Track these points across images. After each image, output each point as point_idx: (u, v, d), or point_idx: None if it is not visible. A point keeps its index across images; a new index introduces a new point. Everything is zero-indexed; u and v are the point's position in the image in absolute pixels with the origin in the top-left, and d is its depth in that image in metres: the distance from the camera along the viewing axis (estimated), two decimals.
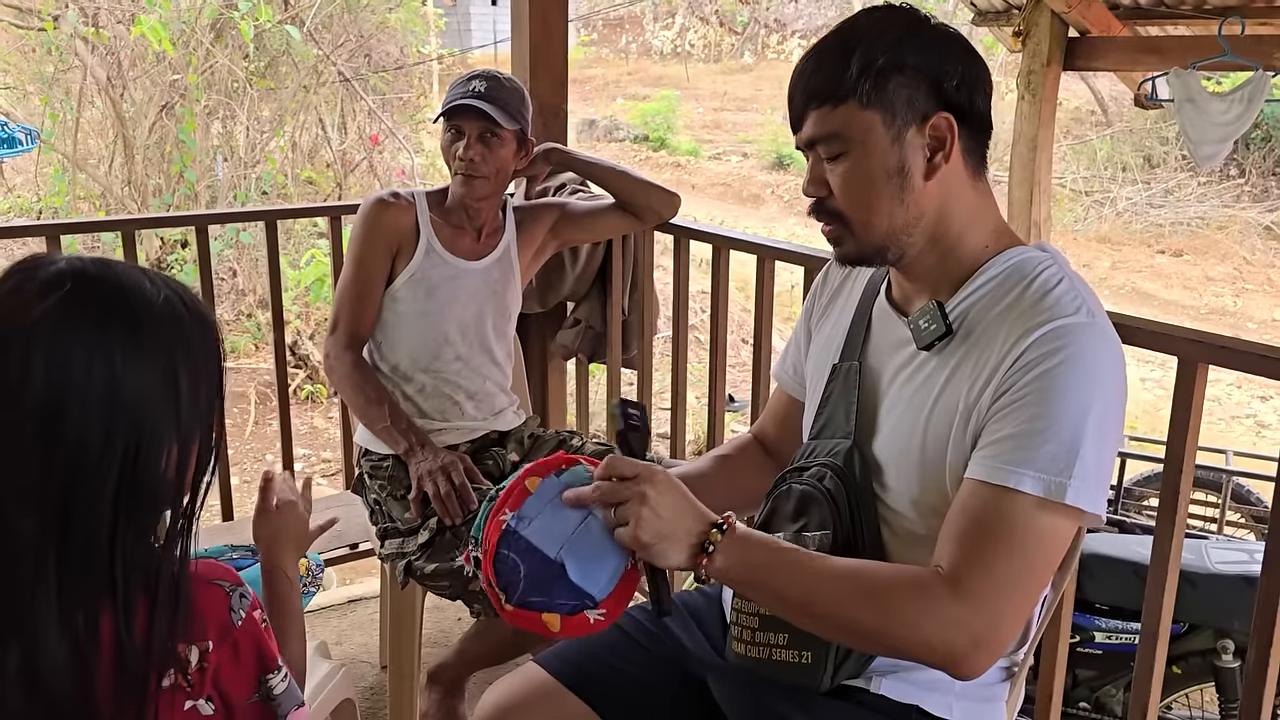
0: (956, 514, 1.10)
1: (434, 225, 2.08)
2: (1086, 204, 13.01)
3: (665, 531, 1.08)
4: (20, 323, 0.87)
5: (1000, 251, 1.18)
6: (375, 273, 2.04)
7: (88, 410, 0.87)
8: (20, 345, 0.86)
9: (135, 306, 0.91)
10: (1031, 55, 3.74)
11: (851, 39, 1.14)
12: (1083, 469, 1.05)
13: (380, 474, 2.05)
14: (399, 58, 8.62)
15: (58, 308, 0.87)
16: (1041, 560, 1.08)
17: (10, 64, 7.55)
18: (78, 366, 0.87)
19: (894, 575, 1.10)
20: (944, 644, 1.05)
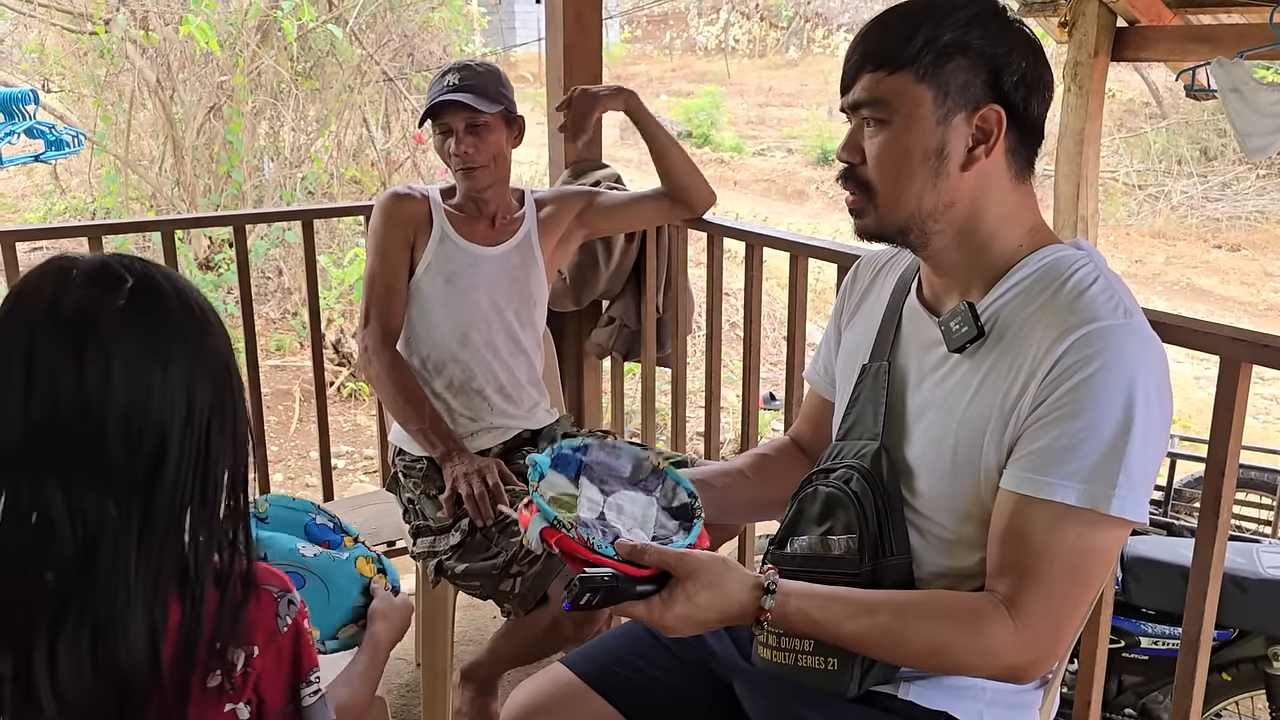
0: (1005, 532, 1.08)
1: (448, 215, 2.09)
2: (1140, 198, 12.75)
3: (717, 619, 1.08)
4: (96, 318, 0.89)
5: (1035, 250, 1.15)
6: (398, 262, 2.05)
7: (166, 403, 0.91)
8: (99, 341, 0.88)
9: (194, 304, 0.95)
10: (1078, 46, 3.66)
11: (924, 10, 1.12)
12: (1128, 479, 1.03)
13: (414, 473, 2.05)
14: (442, 56, 8.67)
15: (131, 305, 0.90)
16: (1092, 574, 1.08)
17: (65, 67, 7.71)
18: (156, 362, 0.90)
19: (953, 608, 1.10)
20: (1004, 667, 1.09)
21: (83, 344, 0.89)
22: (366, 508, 2.55)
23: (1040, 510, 1.06)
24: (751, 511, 1.60)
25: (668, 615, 1.05)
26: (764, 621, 1.08)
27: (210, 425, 0.93)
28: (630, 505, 1.22)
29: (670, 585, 1.06)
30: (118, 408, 0.89)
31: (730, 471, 1.45)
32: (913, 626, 1.09)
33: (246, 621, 0.97)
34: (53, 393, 0.88)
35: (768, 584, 1.07)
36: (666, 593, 1.06)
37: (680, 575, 1.06)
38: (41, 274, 0.92)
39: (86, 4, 7.07)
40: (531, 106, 15.07)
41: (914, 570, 1.19)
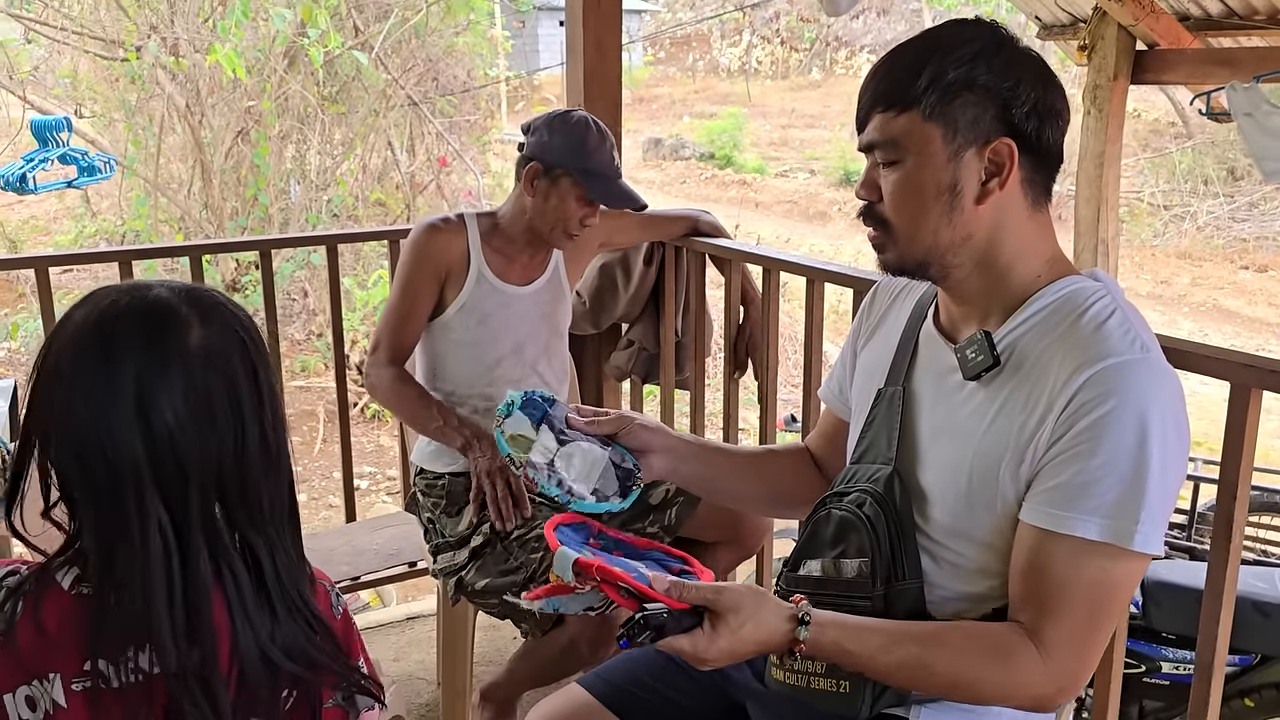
0: (1027, 566, 1.10)
1: (484, 253, 2.07)
2: (1165, 218, 12.68)
3: (754, 650, 1.09)
4: (186, 345, 0.95)
5: (1053, 281, 1.16)
6: (423, 299, 2.04)
7: (256, 414, 0.98)
8: (198, 364, 0.95)
9: (251, 325, 1.02)
10: (1097, 69, 3.66)
11: (930, 47, 1.14)
12: (1148, 514, 1.05)
13: (434, 492, 2.08)
14: (466, 80, 8.77)
15: (218, 326, 0.97)
16: (1114, 605, 1.10)
17: (97, 93, 7.85)
18: (243, 378, 0.97)
19: (982, 640, 1.11)
20: (1032, 698, 1.12)
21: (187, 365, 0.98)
22: (388, 529, 2.58)
23: (1062, 545, 1.07)
24: (734, 497, 1.58)
25: (712, 649, 1.06)
26: (797, 652, 1.09)
27: (279, 428, 1.02)
28: (581, 458, 1.28)
29: (712, 620, 1.06)
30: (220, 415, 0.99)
31: (730, 451, 1.51)
32: (943, 658, 1.11)
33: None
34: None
35: (802, 615, 1.08)
36: (710, 627, 1.06)
37: (721, 610, 1.06)
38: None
39: (118, 31, 7.21)
40: None
41: (926, 594, 1.20)
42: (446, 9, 7.39)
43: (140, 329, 0.94)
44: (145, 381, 0.92)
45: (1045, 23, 4.21)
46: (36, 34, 7.69)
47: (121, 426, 0.91)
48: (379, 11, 7.40)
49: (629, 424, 1.35)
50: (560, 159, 1.97)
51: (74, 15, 7.53)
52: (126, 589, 0.92)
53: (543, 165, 1.99)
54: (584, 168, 1.98)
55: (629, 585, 1.05)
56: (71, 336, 0.95)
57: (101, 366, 0.92)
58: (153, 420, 0.92)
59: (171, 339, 0.94)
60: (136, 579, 0.92)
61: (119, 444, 0.92)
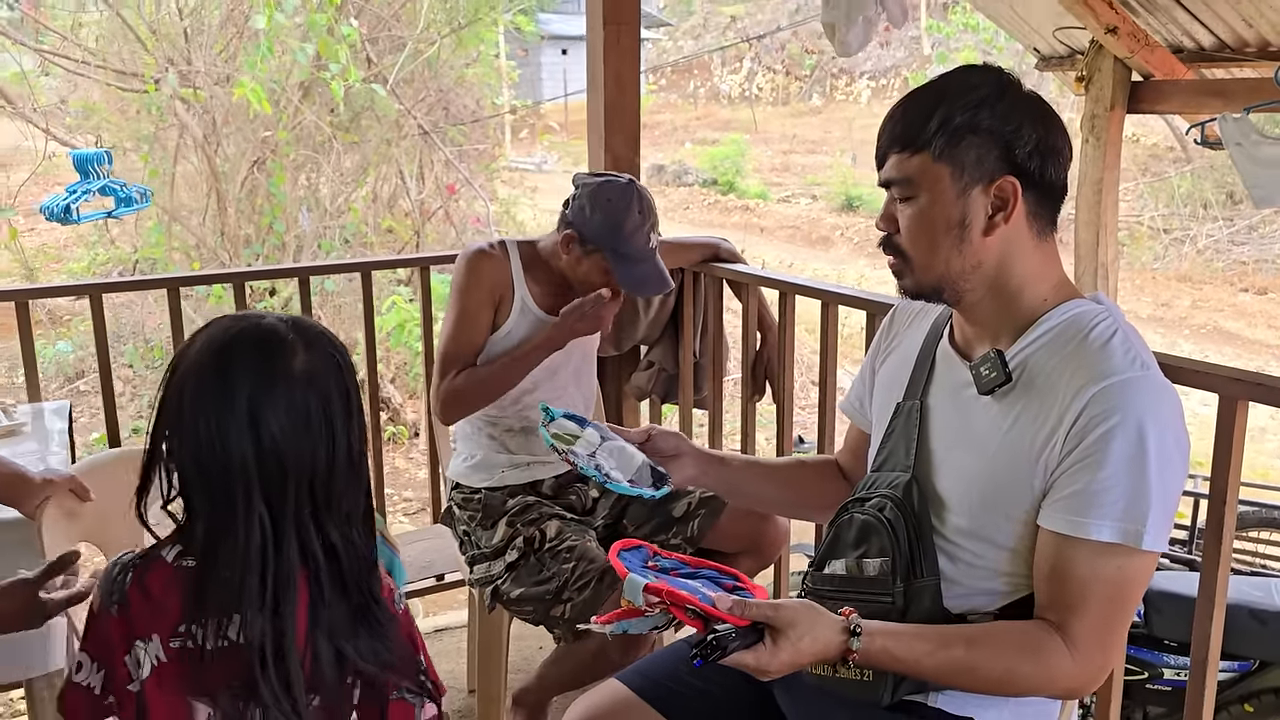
0: (1050, 570, 1.21)
1: (527, 283, 2.17)
2: (1166, 241, 12.81)
3: (810, 661, 1.19)
4: (290, 369, 1.10)
5: (1059, 304, 1.28)
6: (482, 319, 2.12)
7: (345, 428, 1.13)
8: (301, 385, 1.10)
9: (345, 352, 1.17)
10: (1095, 99, 3.80)
11: (939, 93, 1.26)
12: (1154, 516, 1.17)
13: (470, 505, 2.19)
14: (475, 110, 8.93)
15: (318, 353, 1.12)
16: (1130, 599, 1.22)
17: (110, 123, 8.01)
18: (337, 397, 1.12)
19: (1017, 639, 1.22)
20: (1063, 688, 1.24)
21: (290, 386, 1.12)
22: (418, 543, 2.69)
23: (1080, 548, 1.19)
24: (759, 500, 1.76)
25: (774, 662, 1.16)
26: (850, 660, 1.19)
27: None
28: (620, 454, 1.43)
29: (773, 635, 1.16)
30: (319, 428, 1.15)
31: (759, 460, 1.68)
32: (983, 658, 1.22)
33: None
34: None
35: (854, 627, 1.19)
36: (770, 641, 1.16)
37: (780, 625, 1.16)
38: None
39: (137, 64, 7.38)
40: (559, 156, 15.28)
41: (943, 591, 1.31)
42: (458, 41, 7.54)
43: (253, 353, 1.09)
44: (256, 399, 1.07)
45: (1043, 54, 4.35)
46: (54, 65, 7.87)
47: (235, 436, 1.06)
48: (392, 44, 7.57)
49: (656, 432, 1.49)
50: (596, 236, 2.07)
51: (94, 49, 7.70)
52: (225, 565, 1.06)
53: (579, 236, 2.09)
54: (618, 250, 2.07)
55: (695, 607, 1.15)
56: (195, 358, 1.09)
57: (220, 385, 1.07)
58: (261, 432, 1.06)
59: (279, 362, 1.09)
60: (236, 558, 1.06)
61: (231, 451, 1.06)
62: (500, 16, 8.34)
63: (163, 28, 7.46)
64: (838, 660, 1.20)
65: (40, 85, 8.20)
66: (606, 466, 1.41)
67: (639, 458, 1.45)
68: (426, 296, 2.89)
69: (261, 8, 5.99)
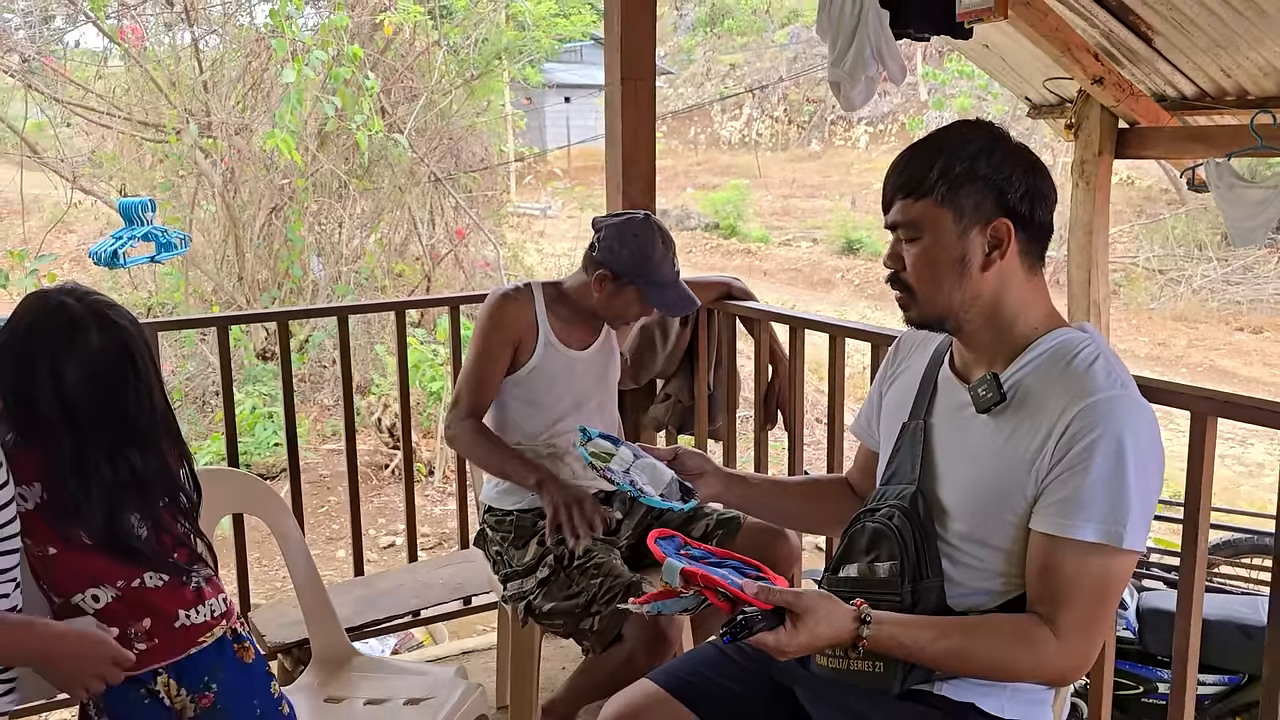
0: (1040, 568, 1.36)
1: (550, 322, 2.33)
2: (1161, 282, 13.02)
3: (825, 645, 1.34)
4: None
5: (1048, 331, 1.44)
6: (498, 362, 2.30)
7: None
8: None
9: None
10: (1084, 145, 3.99)
11: (939, 145, 1.43)
12: (1132, 518, 1.32)
13: (503, 527, 2.33)
14: (484, 157, 9.18)
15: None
16: (1113, 594, 1.36)
17: (128, 172, 8.25)
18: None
19: (1009, 629, 1.37)
20: (1052, 673, 1.38)
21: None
22: (449, 567, 2.83)
23: (1067, 547, 1.34)
24: (777, 514, 1.91)
25: (792, 644, 1.31)
26: (861, 645, 1.34)
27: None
28: (652, 471, 1.58)
29: (793, 619, 1.31)
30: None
31: (776, 478, 1.85)
32: (980, 645, 1.37)
33: None
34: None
35: (864, 616, 1.33)
36: (790, 625, 1.31)
37: (799, 611, 1.31)
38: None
39: (159, 115, 7.62)
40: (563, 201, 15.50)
41: (947, 591, 1.46)
42: (469, 92, 7.79)
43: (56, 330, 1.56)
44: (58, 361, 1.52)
45: (1035, 103, 4.56)
46: (76, 116, 8.12)
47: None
48: (406, 95, 7.82)
49: (682, 452, 1.66)
50: (627, 270, 2.24)
51: (116, 100, 7.95)
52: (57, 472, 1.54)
53: (612, 273, 2.25)
54: (649, 279, 2.25)
55: (725, 590, 1.31)
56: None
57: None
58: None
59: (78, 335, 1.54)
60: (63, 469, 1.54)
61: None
62: (510, 67, 8.60)
63: (182, 80, 7.73)
64: (849, 645, 1.34)
65: (60, 136, 8.44)
66: (640, 482, 1.57)
67: (668, 474, 1.61)
68: (455, 335, 3.05)
69: (290, 62, 6.23)
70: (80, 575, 1.50)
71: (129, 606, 1.50)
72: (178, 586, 1.54)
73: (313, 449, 6.97)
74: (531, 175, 16.49)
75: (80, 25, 9.00)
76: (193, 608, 1.55)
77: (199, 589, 1.57)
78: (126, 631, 1.50)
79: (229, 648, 1.58)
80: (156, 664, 1.52)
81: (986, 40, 4.22)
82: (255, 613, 2.61)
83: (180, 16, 7.68)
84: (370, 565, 5.26)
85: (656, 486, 1.58)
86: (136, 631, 1.50)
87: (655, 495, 1.56)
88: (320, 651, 2.10)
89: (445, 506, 6.42)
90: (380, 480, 6.78)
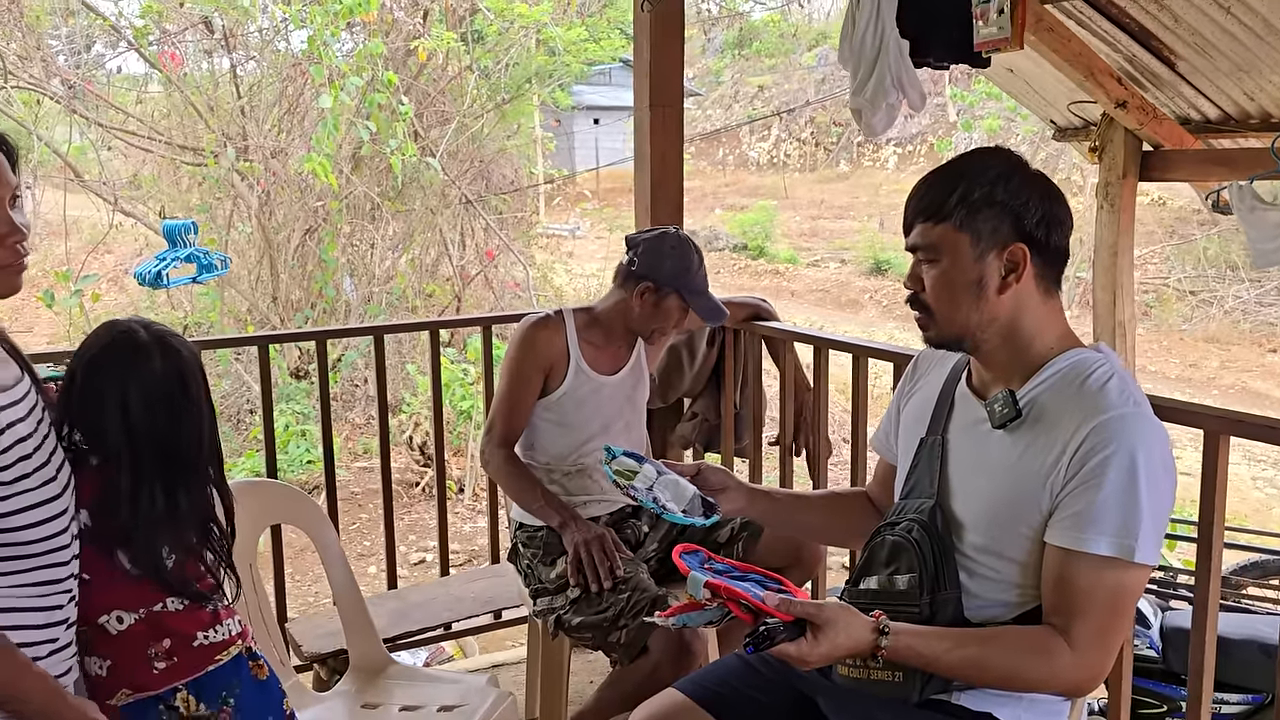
0: (1055, 580, 1.40)
1: (581, 348, 2.41)
2: (1193, 303, 12.93)
3: (845, 655, 1.39)
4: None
5: (1063, 351, 1.49)
6: (530, 388, 2.38)
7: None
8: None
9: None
10: (1108, 168, 4.02)
11: (959, 171, 1.49)
12: (1144, 532, 1.36)
13: (533, 543, 2.40)
14: (514, 179, 9.32)
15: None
16: (1127, 607, 1.41)
17: (167, 195, 8.43)
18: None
19: (1024, 641, 1.42)
20: (1067, 684, 1.41)
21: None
22: (480, 581, 2.90)
23: (1082, 560, 1.38)
24: (799, 527, 1.97)
25: (813, 654, 1.36)
26: (879, 656, 1.38)
27: None
28: (674, 488, 1.63)
29: (813, 630, 1.36)
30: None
31: (798, 492, 1.94)
32: (996, 656, 1.41)
33: None
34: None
35: (883, 627, 1.39)
36: (812, 636, 1.36)
37: (820, 623, 1.36)
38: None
39: (197, 138, 7.80)
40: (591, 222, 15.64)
41: (964, 603, 1.50)
42: (500, 116, 7.91)
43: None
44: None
45: (1059, 126, 4.59)
46: (118, 141, 8.32)
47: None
48: (438, 119, 7.96)
49: (705, 468, 1.72)
50: (669, 280, 2.34)
51: (156, 124, 8.15)
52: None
53: (654, 284, 2.34)
54: (691, 288, 2.35)
55: (748, 602, 1.36)
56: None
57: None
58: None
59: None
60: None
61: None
62: (540, 91, 8.72)
63: (221, 105, 7.91)
64: (868, 655, 1.39)
65: (102, 159, 8.65)
66: (663, 499, 1.63)
67: (690, 490, 1.66)
68: (487, 354, 3.13)
69: (327, 87, 6.37)
70: (108, 600, 1.55)
71: (150, 628, 1.55)
72: (196, 610, 1.59)
73: (344, 466, 7.07)
74: (561, 197, 16.66)
75: (122, 52, 9.23)
76: (210, 628, 1.60)
77: (215, 610, 1.62)
78: (146, 651, 1.55)
79: (245, 665, 1.63)
80: (177, 681, 1.56)
81: (1010, 65, 4.27)
82: (292, 624, 2.69)
83: (219, 43, 7.87)
84: (401, 581, 5.33)
85: (679, 502, 1.64)
86: (156, 651, 1.55)
87: (678, 511, 1.61)
88: (357, 659, 2.16)
89: (474, 524, 6.49)
90: (411, 498, 6.87)
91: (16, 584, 1.41)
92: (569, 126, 20.09)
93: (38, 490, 1.42)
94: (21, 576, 1.42)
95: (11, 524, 1.39)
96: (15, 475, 1.39)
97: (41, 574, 1.43)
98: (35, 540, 1.42)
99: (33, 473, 1.41)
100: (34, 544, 1.42)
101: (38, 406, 1.48)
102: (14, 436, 1.39)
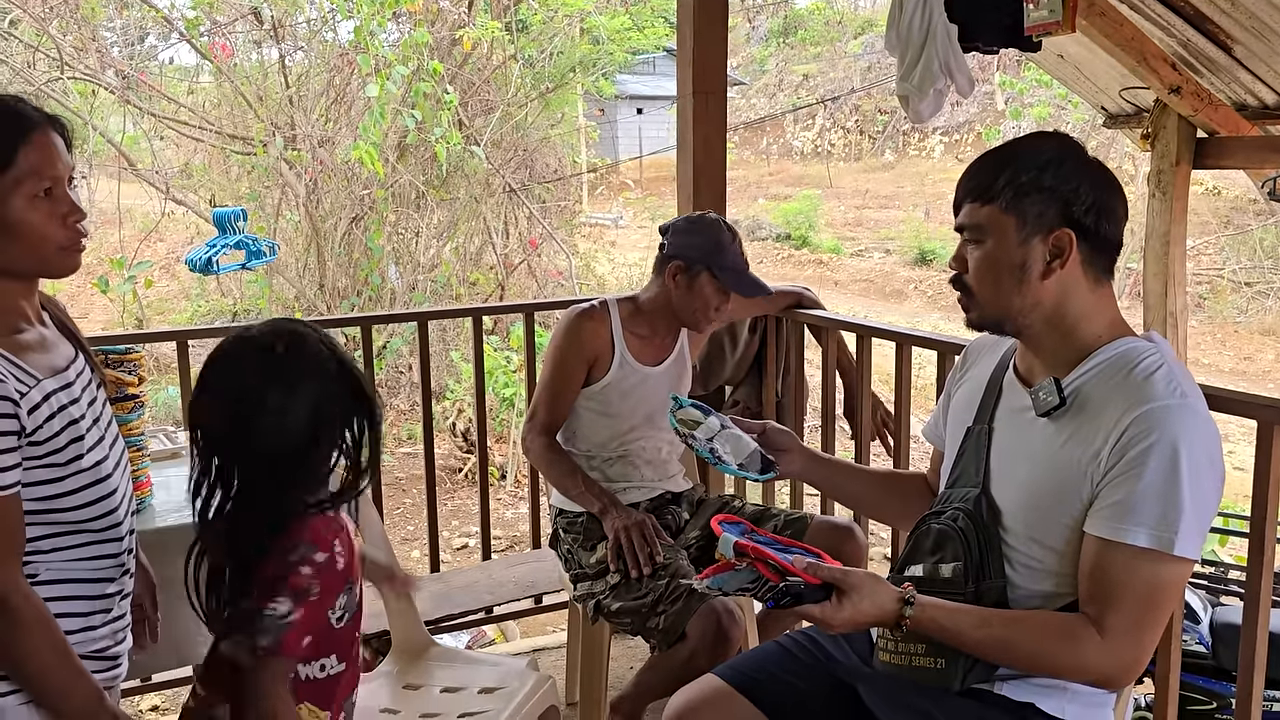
0: (1092, 569, 1.38)
1: (626, 339, 2.41)
2: (1248, 295, 12.65)
3: (869, 623, 1.40)
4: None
5: (1112, 340, 1.47)
6: (574, 378, 2.38)
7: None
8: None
9: None
10: (1160, 156, 3.94)
11: (1011, 153, 1.48)
12: (1185, 525, 1.34)
13: (574, 529, 2.41)
14: (557, 168, 9.35)
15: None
16: (1164, 601, 1.38)
17: (216, 184, 8.58)
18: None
19: (1053, 625, 1.40)
20: (1095, 673, 1.39)
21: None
22: (521, 565, 2.92)
23: (1119, 551, 1.36)
24: (855, 499, 1.97)
25: (837, 617, 1.37)
26: (904, 625, 1.38)
27: None
28: (735, 442, 1.65)
29: (839, 595, 1.37)
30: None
31: (858, 465, 1.97)
32: (1021, 637, 1.40)
33: None
34: None
35: (908, 597, 1.39)
36: (836, 599, 1.37)
37: (845, 587, 1.37)
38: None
39: (247, 128, 7.92)
40: (634, 211, 15.68)
41: (1008, 592, 1.49)
42: (544, 104, 7.93)
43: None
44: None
45: (1111, 113, 4.51)
46: (170, 130, 8.47)
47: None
48: (483, 107, 8.00)
49: (770, 427, 1.74)
50: (700, 257, 2.32)
51: (207, 114, 8.28)
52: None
53: (685, 263, 2.33)
54: (723, 265, 2.32)
55: (776, 563, 1.36)
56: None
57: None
58: None
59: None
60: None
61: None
62: (584, 80, 8.74)
63: (269, 95, 8.02)
64: (892, 625, 1.38)
65: (154, 148, 8.81)
66: (720, 451, 1.64)
67: (752, 445, 1.68)
68: (530, 341, 3.14)
69: (374, 77, 6.44)
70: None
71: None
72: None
73: (388, 452, 7.15)
74: (604, 186, 16.68)
75: (174, 43, 9.38)
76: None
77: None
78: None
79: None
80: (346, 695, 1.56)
81: (1061, 50, 4.20)
82: None
83: (268, 34, 7.97)
84: (444, 566, 5.40)
85: (737, 456, 1.65)
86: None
87: (734, 464, 1.63)
88: (400, 641, 2.19)
89: (516, 510, 6.54)
90: (454, 484, 6.93)
91: (72, 559, 1.45)
92: (612, 115, 20.11)
93: (90, 470, 1.45)
94: (76, 551, 1.46)
95: (67, 504, 1.42)
96: (69, 456, 1.42)
97: (95, 549, 1.47)
98: (90, 519, 1.45)
99: (86, 453, 1.44)
100: (88, 522, 1.45)
101: (91, 385, 1.51)
102: (67, 419, 1.42)
